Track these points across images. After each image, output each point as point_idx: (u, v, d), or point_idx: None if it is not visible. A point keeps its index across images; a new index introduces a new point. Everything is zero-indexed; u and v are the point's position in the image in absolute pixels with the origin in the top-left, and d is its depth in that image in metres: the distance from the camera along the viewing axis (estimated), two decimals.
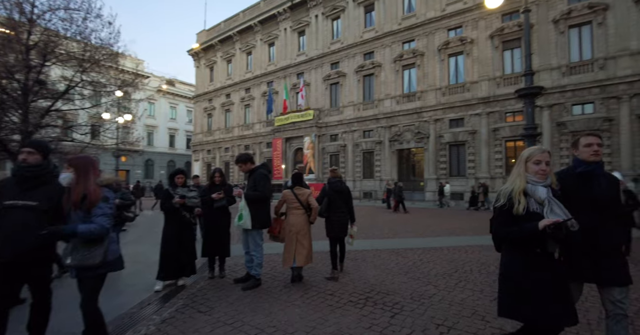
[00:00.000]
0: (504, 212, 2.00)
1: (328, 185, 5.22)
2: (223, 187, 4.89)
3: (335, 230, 5.04)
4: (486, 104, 20.04)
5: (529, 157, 2.06)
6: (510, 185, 2.06)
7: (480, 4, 20.14)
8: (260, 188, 4.36)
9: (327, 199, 5.06)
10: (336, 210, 5.04)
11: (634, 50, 16.26)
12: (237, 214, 4.27)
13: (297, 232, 4.58)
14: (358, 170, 25.44)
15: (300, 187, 4.82)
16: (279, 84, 31.19)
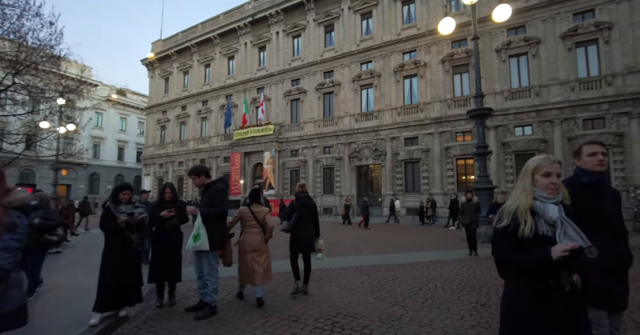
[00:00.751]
0: (508, 234, 1.69)
1: (297, 201, 5.10)
2: (174, 204, 4.47)
3: (302, 246, 4.93)
4: (438, 124, 21.15)
5: (536, 169, 1.74)
6: (514, 203, 1.73)
7: (432, 31, 21.58)
8: (218, 204, 4.03)
9: (296, 214, 4.92)
10: (304, 226, 4.93)
11: (562, 80, 18.20)
12: (192, 234, 3.87)
13: (252, 251, 4.35)
14: (318, 186, 25.40)
15: (258, 204, 4.63)
16: (238, 97, 30.69)
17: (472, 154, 15.10)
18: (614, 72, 17.02)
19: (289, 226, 4.90)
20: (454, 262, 7.02)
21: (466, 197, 8.71)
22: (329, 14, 26.38)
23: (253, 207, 4.55)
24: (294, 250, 5.01)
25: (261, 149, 27.53)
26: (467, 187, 19.69)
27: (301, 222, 4.91)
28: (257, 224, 4.46)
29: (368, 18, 25.08)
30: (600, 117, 17.10)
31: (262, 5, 30.27)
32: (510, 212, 1.71)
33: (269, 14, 28.84)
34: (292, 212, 4.98)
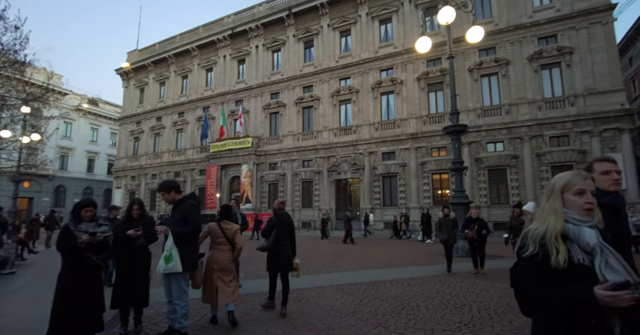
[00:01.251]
0: (536, 264, 1.39)
1: (276, 217, 4.98)
2: (142, 221, 4.13)
3: (281, 264, 4.81)
4: (414, 139, 21.60)
5: (565, 187, 1.47)
6: (541, 226, 1.45)
7: (408, 49, 22.31)
8: (191, 221, 3.78)
9: (276, 231, 4.81)
10: (282, 244, 4.83)
11: (530, 100, 19.14)
12: (164, 255, 3.59)
13: (219, 270, 4.15)
14: (297, 200, 25.13)
15: (228, 221, 4.48)
16: (216, 109, 30.28)
17: (449, 169, 15.49)
18: (575, 93, 18.09)
19: (268, 244, 4.77)
20: (434, 279, 6.98)
21: (443, 213, 8.66)
22: (309, 30, 26.81)
23: (223, 223, 4.39)
24: (273, 269, 4.89)
25: (239, 161, 27.09)
26: (442, 202, 20.08)
27: (280, 240, 4.81)
28: (226, 242, 4.28)
29: (347, 35, 25.67)
30: (565, 135, 18.02)
31: (242, 19, 30.42)
32: (536, 237, 1.42)
33: (249, 28, 28.98)
34: (271, 229, 4.87)
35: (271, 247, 4.75)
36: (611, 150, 16.76)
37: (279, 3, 28.81)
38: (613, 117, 16.95)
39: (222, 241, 4.27)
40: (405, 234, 18.35)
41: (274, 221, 4.91)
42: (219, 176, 28.01)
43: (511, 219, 8.20)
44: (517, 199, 17.91)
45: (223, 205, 4.70)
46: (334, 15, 25.86)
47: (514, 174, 18.82)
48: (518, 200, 17.42)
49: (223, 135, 27.95)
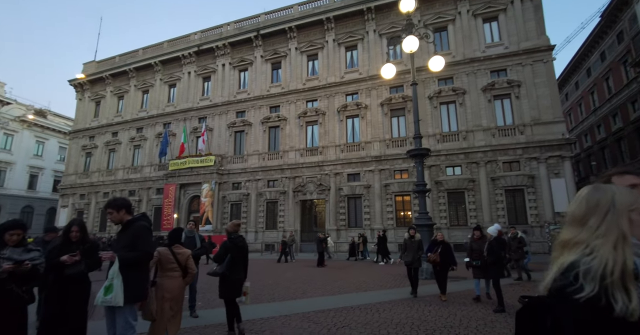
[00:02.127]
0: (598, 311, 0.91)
1: (230, 241, 4.76)
2: (82, 245, 3.53)
3: (235, 290, 4.64)
4: (378, 162, 22.14)
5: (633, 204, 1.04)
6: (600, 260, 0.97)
7: (372, 76, 23.28)
8: (142, 246, 3.31)
9: (230, 256, 4.60)
10: (237, 268, 4.66)
11: (485, 127, 20.48)
12: (104, 285, 3.10)
13: (171, 299, 3.82)
14: (261, 221, 24.44)
15: (180, 245, 4.19)
16: (177, 126, 29.28)
17: (412, 191, 15.87)
18: (524, 122, 19.65)
19: (222, 269, 4.57)
20: (402, 303, 6.92)
21: (409, 234, 8.48)
22: (277, 52, 27.19)
23: (175, 248, 4.08)
24: (227, 295, 4.67)
25: (199, 180, 26.09)
26: (405, 223, 20.52)
27: (234, 265, 4.64)
28: (177, 267, 3.97)
29: (314, 59, 26.31)
30: (516, 161, 19.35)
31: (209, 37, 30.26)
32: (596, 273, 0.94)
33: (216, 46, 28.85)
34: (225, 253, 4.67)
35: (225, 272, 4.55)
36: (556, 175, 18.20)
37: (248, 24, 29.12)
38: (556, 146, 18.53)
39: (173, 267, 3.96)
40: (362, 255, 18.30)
41: (228, 245, 4.72)
42: (178, 195, 26.72)
43: (471, 242, 7.76)
44: (475, 221, 18.74)
45: (174, 229, 4.42)
46: (301, 39, 26.51)
47: (471, 196, 19.74)
48: (477, 222, 18.21)
49: (183, 153, 26.94)
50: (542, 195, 18.28)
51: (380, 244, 16.42)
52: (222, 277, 4.58)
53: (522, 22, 20.78)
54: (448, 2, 22.75)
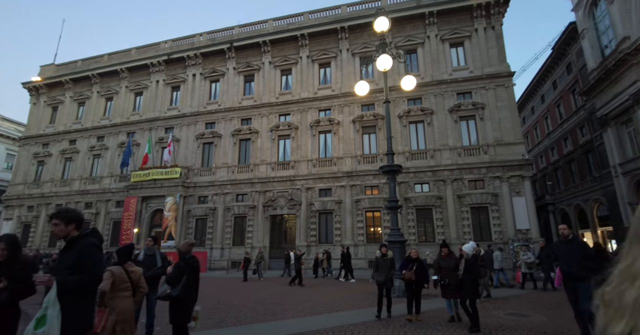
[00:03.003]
0: None
1: (184, 262, 4.47)
2: (11, 267, 2.92)
3: (189, 314, 4.37)
4: (350, 177, 22.26)
5: None
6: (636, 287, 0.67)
7: (345, 93, 23.70)
8: (89, 267, 2.76)
9: (186, 277, 4.32)
10: (192, 291, 4.41)
11: (451, 146, 21.27)
12: (36, 316, 2.54)
13: (123, 321, 3.48)
14: (228, 237, 23.54)
15: (132, 263, 3.94)
16: (142, 136, 28.00)
17: (385, 207, 16.03)
18: (487, 143, 20.64)
19: (179, 292, 4.24)
20: (376, 325, 6.74)
21: (380, 252, 7.95)
22: (250, 65, 27.06)
23: (127, 266, 3.79)
24: (180, 320, 4.36)
25: (163, 193, 24.87)
26: (375, 239, 20.58)
27: (190, 287, 4.37)
28: (130, 287, 3.68)
29: (288, 74, 26.41)
30: (480, 179, 20.16)
31: (180, 46, 29.64)
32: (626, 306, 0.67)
33: (187, 55, 28.25)
34: (180, 275, 4.35)
35: (181, 295, 4.24)
36: (517, 194, 19.13)
37: (221, 35, 28.89)
38: (517, 166, 19.56)
39: (126, 287, 3.65)
40: (325, 272, 18.00)
41: (182, 266, 4.41)
42: (139, 209, 25.26)
43: (439, 259, 7.41)
44: (443, 237, 19.13)
45: (124, 246, 4.10)
46: (275, 54, 26.60)
47: (439, 213, 20.22)
48: (444, 239, 18.59)
49: (147, 164, 25.68)
50: (504, 213, 19.09)
51: (345, 261, 16.12)
52: (175, 301, 4.29)
53: (486, 49, 22.15)
54: (418, 26, 23.86)
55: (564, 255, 5.58)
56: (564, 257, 5.58)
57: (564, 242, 5.66)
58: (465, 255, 6.71)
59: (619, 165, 20.46)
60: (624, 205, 20.07)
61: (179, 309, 4.30)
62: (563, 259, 5.60)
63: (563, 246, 5.65)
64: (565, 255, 5.52)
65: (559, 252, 5.80)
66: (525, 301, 9.52)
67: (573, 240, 5.63)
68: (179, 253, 4.63)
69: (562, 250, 5.67)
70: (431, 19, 23.28)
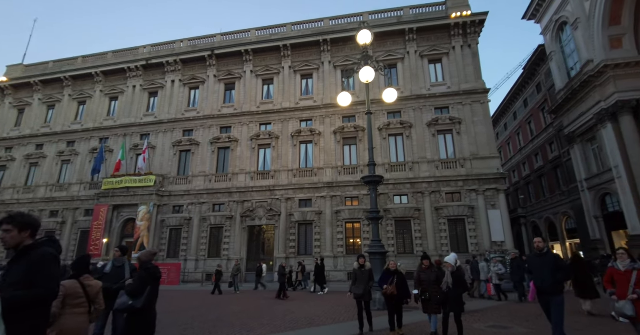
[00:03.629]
0: None
1: (146, 272, 4.21)
2: None
3: (151, 328, 4.16)
4: (330, 188, 22.21)
5: None
6: None
7: (326, 105, 23.89)
8: (43, 282, 2.40)
9: (150, 288, 4.10)
10: (154, 303, 4.19)
11: (429, 159, 21.72)
12: None
13: None
14: (203, 248, 22.75)
15: (89, 276, 3.52)
16: (116, 142, 26.97)
17: (366, 218, 15.97)
18: (464, 157, 21.23)
19: (142, 303, 3.99)
20: None
21: (358, 263, 7.61)
22: (231, 73, 26.86)
23: (84, 279, 3.41)
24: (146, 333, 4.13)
25: (136, 202, 23.88)
26: (355, 251, 20.49)
27: (152, 299, 4.17)
28: (86, 303, 3.29)
29: (269, 84, 26.38)
30: (457, 192, 20.62)
31: (159, 51, 29.10)
32: None
33: (166, 61, 27.73)
34: (143, 285, 4.11)
35: (145, 307, 4.02)
36: (492, 207, 19.67)
37: (202, 42, 28.62)
38: (492, 179, 20.18)
39: (80, 302, 3.25)
40: (301, 285, 17.66)
41: (145, 276, 4.16)
42: (110, 218, 24.08)
43: (419, 272, 6.89)
44: (421, 249, 19.31)
45: (80, 257, 3.75)
46: (257, 63, 26.57)
47: (417, 225, 20.44)
48: (422, 250, 18.76)
49: (120, 171, 24.67)
50: (481, 225, 19.54)
51: (318, 273, 15.79)
52: (137, 313, 4.04)
53: (462, 66, 23.01)
54: (398, 41, 24.55)
55: (537, 268, 5.51)
56: (538, 271, 5.51)
57: (538, 255, 5.63)
58: (451, 268, 6.37)
59: (585, 181, 21.53)
60: (590, 219, 21.06)
61: (143, 322, 4.07)
62: (537, 272, 5.52)
63: (537, 259, 5.60)
64: (539, 269, 5.46)
65: (533, 265, 5.70)
66: (505, 313, 9.63)
67: (547, 253, 5.60)
68: (140, 262, 4.37)
69: (536, 263, 5.61)
70: (411, 36, 24.02)
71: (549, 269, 5.30)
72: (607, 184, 19.56)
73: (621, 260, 5.35)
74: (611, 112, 19.09)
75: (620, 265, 5.32)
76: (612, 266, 5.57)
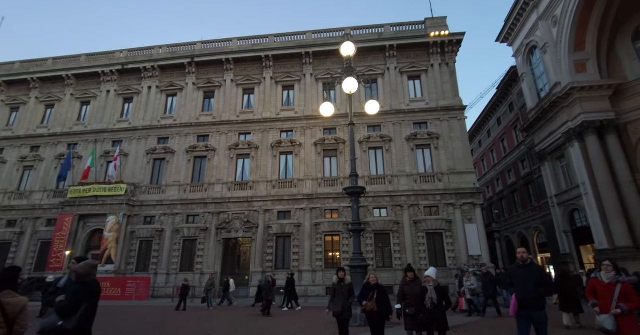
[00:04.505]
0: None
1: (82, 286, 3.69)
2: None
3: None
4: (310, 200, 21.93)
5: None
6: None
7: (307, 116, 23.88)
8: None
9: (87, 305, 3.59)
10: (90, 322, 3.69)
11: (408, 173, 21.97)
12: None
13: None
14: (175, 261, 21.68)
15: (12, 292, 3.04)
16: (85, 148, 25.65)
17: (348, 230, 15.73)
18: (442, 171, 21.62)
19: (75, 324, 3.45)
20: None
21: (338, 277, 6.82)
22: (211, 81, 26.43)
23: (4, 296, 2.92)
24: None
25: (105, 211, 22.60)
26: (334, 264, 20.15)
27: (89, 317, 3.65)
28: (3, 324, 2.82)
29: (250, 93, 26.11)
30: (435, 206, 20.87)
31: (136, 56, 28.31)
32: None
33: (143, 67, 26.96)
34: (78, 302, 3.56)
35: (77, 328, 3.45)
36: (469, 221, 20.01)
37: (182, 50, 28.13)
38: (469, 194, 20.60)
39: None
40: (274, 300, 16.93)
41: (81, 292, 3.62)
42: (74, 228, 22.59)
43: (402, 285, 6.35)
44: (400, 263, 19.25)
45: (6, 269, 3.28)
46: (238, 73, 26.33)
47: (396, 238, 20.43)
48: (401, 264, 18.71)
49: (88, 178, 23.39)
50: (458, 239, 19.77)
51: (289, 288, 15.15)
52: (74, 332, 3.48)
53: (440, 84, 23.72)
54: (379, 57, 25.08)
55: (520, 280, 5.14)
56: (521, 283, 5.12)
57: (521, 267, 5.26)
58: (434, 282, 5.95)
59: (554, 197, 22.40)
60: (560, 233, 21.82)
61: None
62: (520, 285, 5.13)
63: (521, 271, 5.23)
64: (522, 281, 5.11)
65: (516, 277, 5.27)
66: (486, 328, 9.59)
67: (531, 265, 5.26)
68: (77, 276, 3.78)
69: (519, 275, 5.22)
70: (391, 52, 24.61)
71: (532, 281, 5.03)
72: (575, 200, 20.42)
73: (606, 272, 5.14)
74: (578, 132, 20.11)
75: (604, 277, 5.12)
76: (596, 277, 5.33)
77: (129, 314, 13.38)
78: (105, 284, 18.64)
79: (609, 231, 17.93)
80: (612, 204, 18.10)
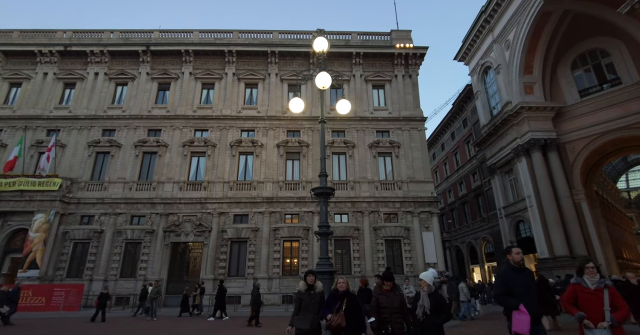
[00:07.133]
0: None
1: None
2: None
3: None
4: (270, 203, 21.04)
5: None
6: None
7: (270, 116, 23.13)
8: None
9: None
10: None
11: (370, 179, 22.03)
12: None
13: None
14: (115, 267, 19.41)
15: None
16: (12, 135, 22.37)
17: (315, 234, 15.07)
18: (402, 179, 21.97)
19: None
20: None
21: (306, 283, 5.30)
22: (167, 72, 24.62)
23: None
24: None
25: (32, 208, 19.70)
26: (292, 272, 19.39)
27: None
28: None
29: (210, 88, 24.71)
30: (394, 213, 21.08)
31: (82, 38, 25.58)
32: None
33: (91, 51, 24.39)
34: None
35: None
36: (426, 229, 20.44)
37: (137, 36, 25.97)
38: (427, 202, 21.10)
39: None
40: (197, 310, 15.74)
41: None
42: None
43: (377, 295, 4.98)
44: (359, 270, 19.04)
45: None
46: (198, 66, 24.85)
47: (356, 244, 20.24)
48: (360, 271, 18.47)
49: (13, 170, 20.37)
50: (415, 247, 20.08)
51: (219, 296, 14.09)
52: None
53: (403, 94, 24.31)
54: (345, 64, 25.15)
55: (521, 287, 4.20)
56: (524, 292, 4.17)
57: (517, 270, 4.36)
58: (428, 289, 4.68)
59: (502, 208, 23.82)
60: (506, 243, 23.16)
61: None
62: (526, 294, 4.15)
63: (518, 276, 4.30)
64: (525, 289, 4.20)
65: (516, 283, 4.24)
66: None
67: (525, 269, 4.48)
68: None
69: (518, 281, 4.25)
70: (358, 60, 24.81)
71: (533, 289, 4.30)
72: (521, 212, 21.83)
73: (590, 276, 4.28)
74: (525, 148, 21.64)
75: (589, 282, 4.25)
76: (577, 283, 4.35)
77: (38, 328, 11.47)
78: (26, 293, 16.08)
79: (550, 241, 19.34)
80: (553, 216, 19.60)
